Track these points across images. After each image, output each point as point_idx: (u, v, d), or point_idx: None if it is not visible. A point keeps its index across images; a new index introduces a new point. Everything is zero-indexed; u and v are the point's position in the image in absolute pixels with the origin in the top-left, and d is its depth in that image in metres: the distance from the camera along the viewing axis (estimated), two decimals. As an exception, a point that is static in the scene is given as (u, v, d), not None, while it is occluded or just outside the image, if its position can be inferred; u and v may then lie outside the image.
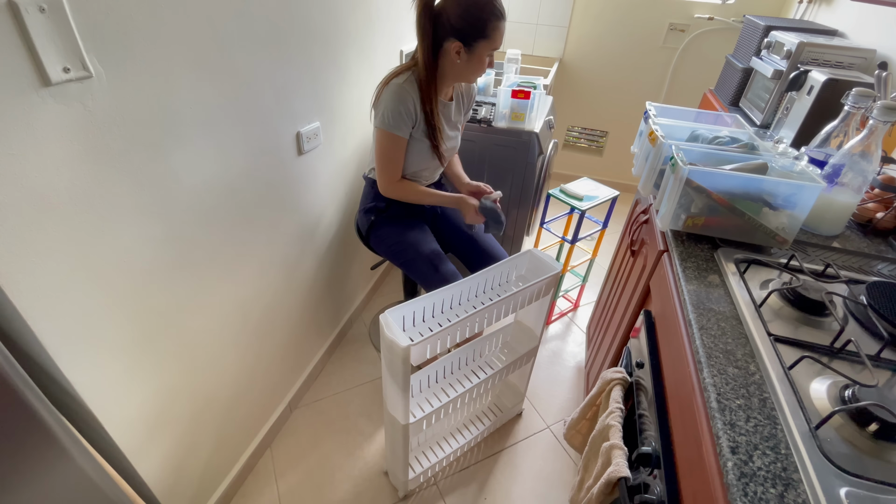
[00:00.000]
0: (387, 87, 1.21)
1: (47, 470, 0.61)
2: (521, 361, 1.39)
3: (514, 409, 1.57)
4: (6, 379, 0.54)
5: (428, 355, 1.03)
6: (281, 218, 1.25)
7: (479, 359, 1.44)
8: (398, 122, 1.19)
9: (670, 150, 1.01)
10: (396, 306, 1.06)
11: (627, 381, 0.96)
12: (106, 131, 0.72)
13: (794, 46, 1.45)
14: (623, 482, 0.75)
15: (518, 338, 1.46)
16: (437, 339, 1.02)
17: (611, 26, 2.57)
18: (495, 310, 1.11)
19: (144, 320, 0.88)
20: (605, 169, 3.05)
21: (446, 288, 1.14)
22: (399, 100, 1.18)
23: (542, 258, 1.27)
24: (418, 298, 1.10)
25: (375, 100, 1.23)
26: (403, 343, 0.94)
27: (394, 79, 1.21)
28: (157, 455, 0.99)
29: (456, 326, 1.03)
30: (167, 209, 0.88)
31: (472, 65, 1.20)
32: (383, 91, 1.21)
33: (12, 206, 0.62)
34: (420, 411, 1.19)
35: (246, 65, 0.99)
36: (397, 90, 1.18)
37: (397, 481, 1.32)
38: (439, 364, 1.31)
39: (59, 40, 0.62)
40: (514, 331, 1.48)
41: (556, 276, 1.22)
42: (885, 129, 0.91)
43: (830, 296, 0.79)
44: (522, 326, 1.44)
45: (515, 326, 1.48)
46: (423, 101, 1.21)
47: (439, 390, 1.30)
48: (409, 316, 1.11)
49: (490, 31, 1.15)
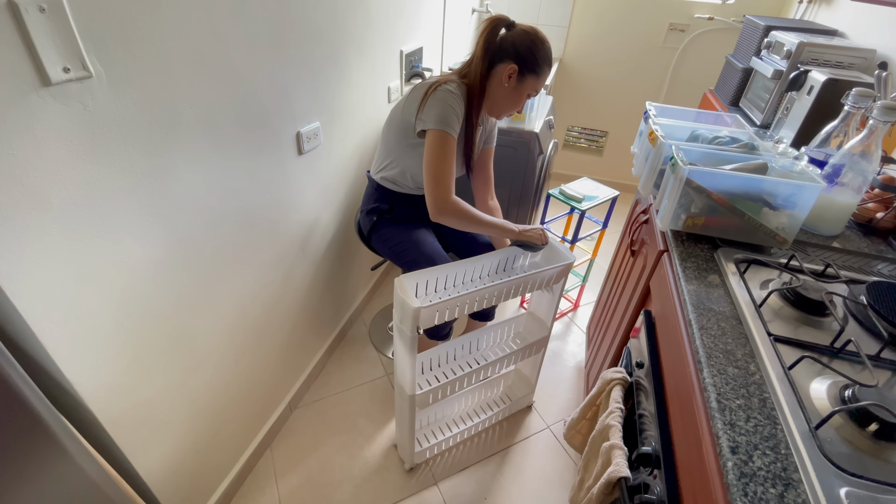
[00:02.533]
0: (436, 91, 1.17)
1: (47, 470, 0.61)
2: (531, 350, 1.42)
3: (524, 400, 1.61)
4: (6, 379, 0.54)
5: (437, 321, 1.09)
6: (281, 218, 1.25)
7: (491, 345, 1.49)
8: (453, 123, 1.16)
9: (670, 150, 1.01)
10: (411, 273, 1.13)
11: (627, 381, 0.96)
12: (106, 131, 0.72)
13: (794, 46, 1.45)
14: (623, 482, 0.75)
15: (529, 328, 1.50)
16: (447, 306, 1.08)
17: (611, 26, 2.57)
18: (505, 288, 1.15)
19: (144, 320, 0.88)
20: (605, 169, 3.05)
21: (462, 262, 1.19)
22: (453, 102, 1.16)
23: (556, 247, 1.31)
24: (434, 268, 1.16)
25: (421, 103, 1.18)
26: (414, 304, 1.01)
27: (443, 84, 1.19)
28: (157, 455, 0.99)
29: (465, 297, 1.09)
30: (167, 209, 0.88)
31: (514, 95, 1.23)
32: (430, 95, 1.17)
33: (12, 206, 0.62)
34: (427, 385, 1.24)
35: (246, 65, 0.99)
36: (448, 95, 1.17)
37: (405, 453, 1.38)
38: (450, 345, 1.35)
39: (59, 40, 0.62)
40: (525, 321, 1.52)
41: (568, 266, 1.26)
42: (885, 129, 0.91)
43: (830, 296, 0.79)
44: (534, 317, 1.49)
45: (527, 317, 1.52)
46: (469, 111, 1.22)
47: (449, 370, 1.36)
48: (423, 284, 1.17)
49: (541, 70, 1.21)
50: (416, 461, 1.39)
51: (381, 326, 1.93)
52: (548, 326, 1.41)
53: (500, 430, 1.55)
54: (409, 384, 1.17)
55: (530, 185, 1.88)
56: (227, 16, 0.90)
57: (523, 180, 1.87)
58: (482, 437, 1.53)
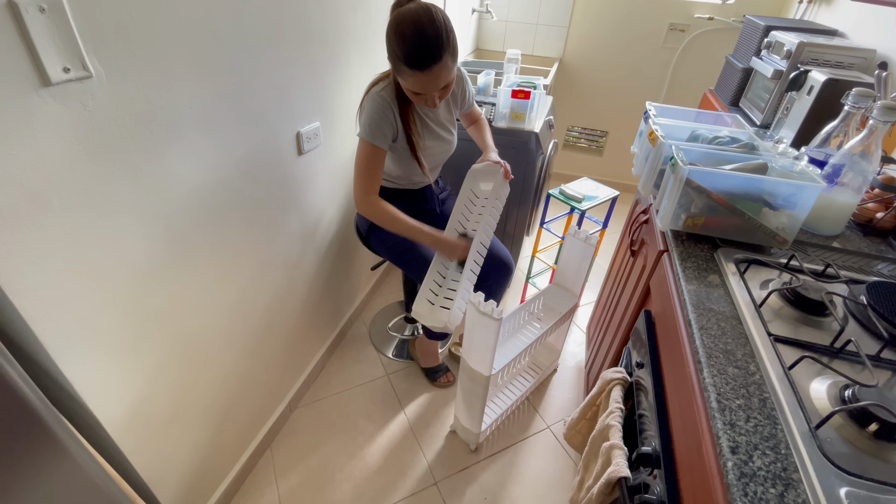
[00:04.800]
0: (367, 95, 1.18)
1: (47, 470, 0.61)
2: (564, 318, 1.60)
3: (550, 367, 1.73)
4: (6, 379, 0.54)
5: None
6: (281, 218, 1.25)
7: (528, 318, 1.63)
8: (376, 133, 1.15)
9: (670, 150, 1.01)
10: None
11: (627, 381, 0.96)
12: (106, 131, 0.72)
13: (794, 46, 1.45)
14: (623, 482, 0.75)
15: (558, 299, 1.64)
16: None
17: (611, 26, 2.57)
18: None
19: (144, 320, 0.88)
20: (605, 169, 3.05)
21: None
22: (378, 109, 1.14)
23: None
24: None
25: (360, 107, 1.21)
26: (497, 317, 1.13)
27: (374, 87, 1.17)
28: (157, 455, 0.99)
29: None
30: (167, 209, 0.88)
31: (409, 92, 1.09)
32: (364, 99, 1.19)
33: (12, 206, 0.62)
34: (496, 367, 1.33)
35: (246, 65, 0.98)
36: (376, 99, 1.15)
37: (469, 436, 1.46)
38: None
39: (59, 40, 0.62)
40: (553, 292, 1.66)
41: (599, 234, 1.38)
42: (885, 129, 0.91)
43: (830, 296, 0.79)
44: (561, 287, 1.66)
45: (554, 288, 1.66)
46: (401, 110, 1.17)
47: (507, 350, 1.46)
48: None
49: (401, 69, 1.02)
50: (479, 441, 1.48)
51: (381, 326, 1.93)
52: (576, 295, 1.60)
53: (501, 430, 1.55)
54: (487, 367, 1.25)
55: (530, 185, 1.88)
56: (227, 16, 0.90)
57: (523, 180, 1.86)
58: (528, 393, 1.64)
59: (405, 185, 1.39)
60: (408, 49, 0.98)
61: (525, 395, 1.63)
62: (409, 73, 1.02)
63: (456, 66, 1.09)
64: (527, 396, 1.66)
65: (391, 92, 1.16)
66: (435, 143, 1.30)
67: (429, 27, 0.97)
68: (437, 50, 0.99)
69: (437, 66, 1.01)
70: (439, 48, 0.99)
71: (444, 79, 1.05)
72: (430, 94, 1.08)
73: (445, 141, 1.33)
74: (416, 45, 0.98)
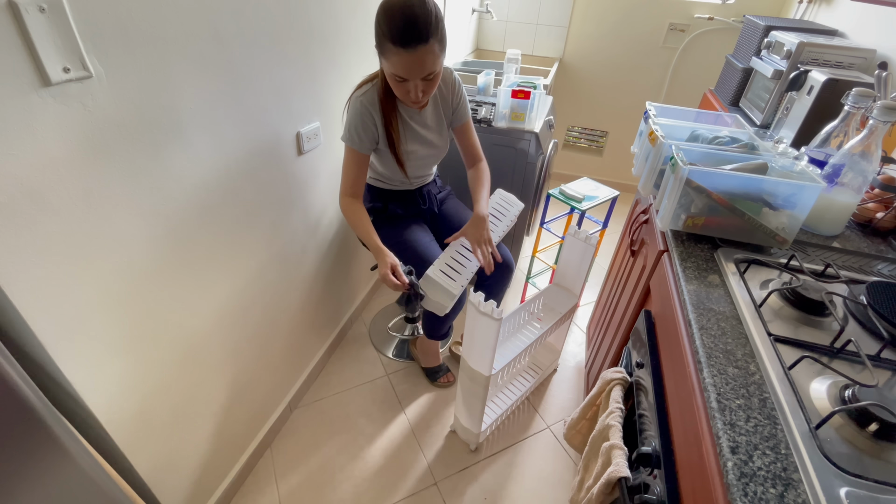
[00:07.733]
0: (349, 99, 1.19)
1: (47, 470, 0.61)
2: (564, 318, 1.60)
3: (550, 367, 1.73)
4: (6, 379, 0.54)
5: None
6: (281, 218, 1.25)
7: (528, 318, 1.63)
8: (354, 137, 1.18)
9: (670, 150, 1.01)
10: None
11: (627, 381, 0.96)
12: (106, 131, 0.72)
13: (794, 46, 1.45)
14: (623, 482, 0.75)
15: (558, 299, 1.64)
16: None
17: (611, 26, 2.57)
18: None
19: (144, 320, 0.88)
20: (605, 169, 3.05)
21: None
22: (357, 114, 1.16)
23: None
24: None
25: (344, 110, 1.22)
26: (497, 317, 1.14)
27: (356, 91, 1.18)
28: (157, 455, 0.99)
29: None
30: (167, 209, 0.88)
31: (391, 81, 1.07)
32: (348, 102, 1.20)
33: (12, 205, 0.62)
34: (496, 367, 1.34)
35: (246, 65, 0.98)
36: (355, 104, 1.16)
37: (469, 436, 1.46)
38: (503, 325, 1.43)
39: (59, 40, 0.62)
40: (553, 292, 1.66)
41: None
42: (885, 129, 0.91)
43: (830, 296, 0.79)
44: (561, 287, 1.65)
45: (554, 288, 1.66)
46: (383, 113, 1.17)
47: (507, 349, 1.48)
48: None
49: (384, 46, 1.00)
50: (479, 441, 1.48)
51: (381, 326, 1.93)
52: (576, 295, 1.60)
53: (501, 430, 1.55)
54: (487, 367, 1.26)
55: (530, 185, 1.88)
56: (227, 16, 0.90)
57: (523, 180, 1.86)
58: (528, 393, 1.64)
59: (400, 185, 1.39)
60: (394, 25, 0.96)
61: (525, 395, 1.62)
62: (393, 52, 0.99)
63: (443, 59, 1.07)
64: (527, 396, 1.66)
65: (374, 95, 1.16)
66: (419, 146, 1.29)
67: (418, 7, 0.96)
68: (425, 30, 0.97)
69: (423, 47, 0.99)
70: (427, 29, 0.97)
71: (430, 65, 1.03)
72: (413, 83, 1.05)
73: (431, 145, 1.32)
74: (404, 21, 0.96)
